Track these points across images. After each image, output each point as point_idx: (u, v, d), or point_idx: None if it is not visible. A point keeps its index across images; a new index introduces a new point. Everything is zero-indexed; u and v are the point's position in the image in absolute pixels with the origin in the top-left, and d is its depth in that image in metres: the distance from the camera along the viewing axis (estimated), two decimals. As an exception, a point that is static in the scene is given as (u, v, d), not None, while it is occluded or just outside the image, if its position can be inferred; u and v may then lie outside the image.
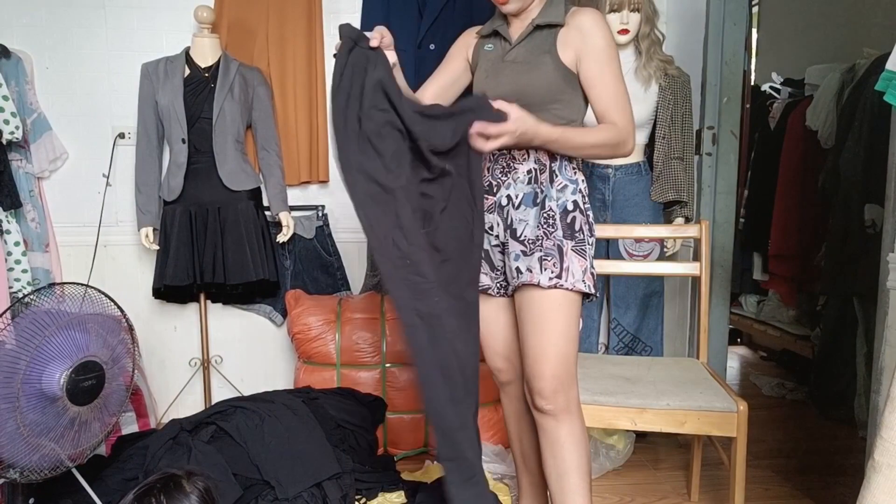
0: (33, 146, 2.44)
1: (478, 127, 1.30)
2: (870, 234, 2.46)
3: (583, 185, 1.50)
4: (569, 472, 1.43)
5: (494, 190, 1.50)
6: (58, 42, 2.50)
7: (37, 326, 1.55)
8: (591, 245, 1.48)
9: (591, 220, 1.50)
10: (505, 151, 1.47)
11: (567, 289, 1.42)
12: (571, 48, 1.42)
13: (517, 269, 1.45)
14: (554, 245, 1.42)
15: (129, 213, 2.57)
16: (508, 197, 1.47)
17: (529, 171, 1.46)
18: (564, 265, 1.41)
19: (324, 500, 1.78)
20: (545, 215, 1.44)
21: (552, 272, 1.40)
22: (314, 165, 2.61)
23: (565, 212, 1.45)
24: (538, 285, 1.41)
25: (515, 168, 1.47)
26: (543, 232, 1.43)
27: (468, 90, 1.62)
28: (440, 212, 1.39)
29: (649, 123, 2.30)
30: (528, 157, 1.46)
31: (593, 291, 1.45)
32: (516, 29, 1.50)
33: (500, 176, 1.49)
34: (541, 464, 1.67)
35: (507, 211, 1.47)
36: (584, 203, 1.49)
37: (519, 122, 1.31)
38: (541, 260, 1.41)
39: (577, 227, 1.45)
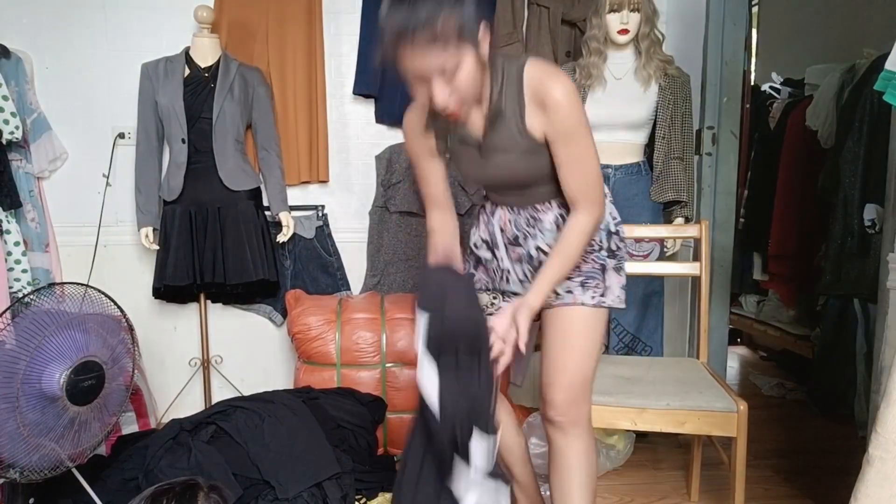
0: (33, 146, 2.44)
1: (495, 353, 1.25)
2: (870, 234, 2.46)
3: (612, 206, 1.50)
4: (573, 489, 1.44)
5: (521, 241, 1.46)
6: (58, 42, 2.50)
7: (37, 326, 1.55)
8: (624, 260, 1.50)
9: (622, 234, 1.50)
10: (527, 205, 1.43)
11: (607, 307, 1.44)
12: (538, 123, 1.29)
13: (554, 292, 1.43)
14: (596, 266, 1.44)
15: (129, 213, 2.57)
16: (538, 248, 1.44)
17: (555, 220, 1.43)
18: (606, 284, 1.43)
19: (324, 500, 1.78)
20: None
21: (595, 292, 1.42)
22: (314, 165, 2.61)
23: (609, 234, 1.46)
24: (582, 304, 1.41)
25: (540, 219, 1.43)
26: (581, 258, 1.42)
27: None
28: None
29: (649, 123, 2.30)
30: (552, 206, 1.43)
31: (624, 306, 1.48)
32: (474, 122, 1.34)
33: (525, 227, 1.45)
34: (527, 472, 1.68)
35: (538, 259, 1.44)
36: (617, 222, 1.50)
37: (508, 324, 1.27)
38: (582, 283, 1.42)
39: (614, 248, 1.47)
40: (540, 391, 1.48)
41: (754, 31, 4.11)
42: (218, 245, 2.36)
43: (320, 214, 2.68)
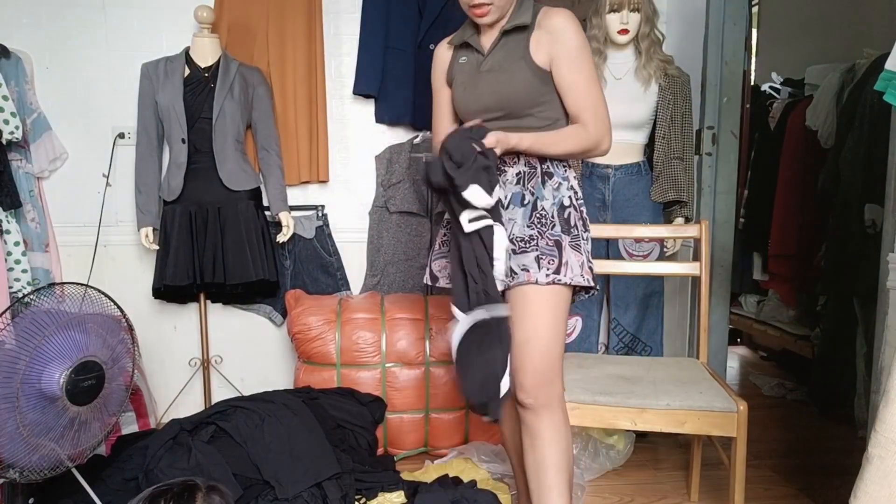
0: (33, 146, 2.44)
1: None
2: (870, 234, 2.46)
3: (574, 182, 1.51)
4: (547, 467, 1.43)
5: None
6: (58, 42, 2.50)
7: (36, 326, 1.55)
8: (587, 241, 1.50)
9: (584, 215, 1.51)
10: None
11: (564, 284, 1.42)
12: (544, 50, 1.43)
13: (510, 268, 1.45)
14: (551, 242, 1.43)
15: (129, 213, 2.57)
16: (499, 200, 1.47)
17: (518, 174, 1.47)
18: (563, 260, 1.42)
19: (324, 500, 1.78)
20: (538, 215, 1.45)
21: (549, 269, 1.41)
22: (314, 165, 2.61)
23: (562, 208, 1.46)
24: (536, 283, 1.41)
25: (505, 171, 1.49)
26: (537, 232, 1.44)
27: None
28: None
29: (649, 123, 2.30)
30: (519, 160, 1.48)
31: (592, 284, 1.46)
32: (488, 38, 1.51)
33: None
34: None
35: (498, 211, 1.48)
36: (578, 199, 1.50)
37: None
38: (537, 259, 1.42)
39: (572, 223, 1.47)
40: (510, 375, 1.47)
41: (754, 31, 4.11)
42: (218, 245, 2.36)
43: (320, 214, 2.68)
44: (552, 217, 1.45)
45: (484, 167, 1.33)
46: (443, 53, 1.61)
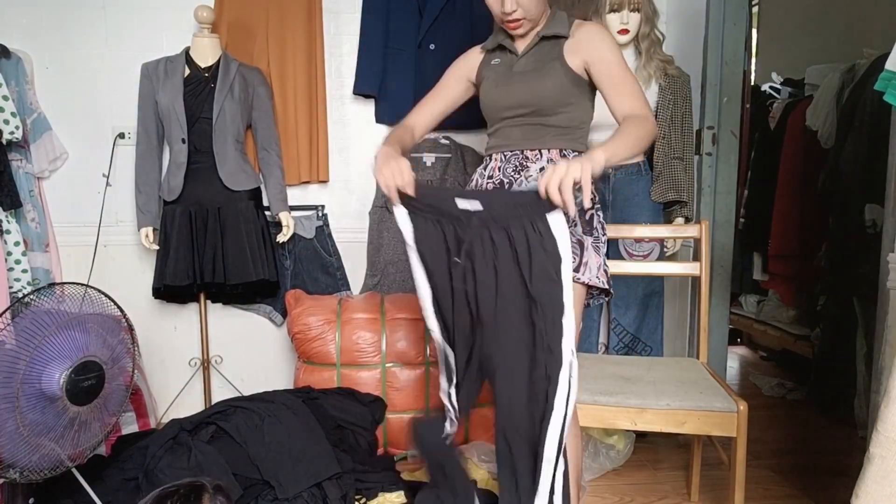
0: (33, 146, 2.44)
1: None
2: (870, 234, 2.46)
3: (592, 187, 1.50)
4: None
5: (506, 187, 1.52)
6: (58, 42, 2.50)
7: (37, 326, 1.55)
8: (605, 244, 1.51)
9: (602, 218, 1.52)
10: (517, 151, 1.51)
11: (583, 283, 1.42)
12: (579, 56, 1.47)
13: None
14: (573, 241, 1.44)
15: (129, 213, 2.57)
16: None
17: (542, 170, 1.48)
18: (583, 260, 1.43)
19: (324, 500, 1.78)
20: None
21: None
22: (314, 165, 2.61)
23: (584, 209, 1.47)
24: None
25: (528, 167, 1.50)
26: None
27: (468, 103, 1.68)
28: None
29: (649, 123, 2.30)
30: (541, 156, 1.49)
31: (608, 287, 1.47)
32: (522, 42, 1.55)
33: (512, 174, 1.52)
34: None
35: None
36: (597, 203, 1.52)
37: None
38: None
39: (594, 225, 1.48)
40: None
41: (754, 31, 4.11)
42: (218, 245, 2.36)
43: (320, 214, 2.68)
44: (574, 217, 1.46)
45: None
46: (473, 56, 1.65)
